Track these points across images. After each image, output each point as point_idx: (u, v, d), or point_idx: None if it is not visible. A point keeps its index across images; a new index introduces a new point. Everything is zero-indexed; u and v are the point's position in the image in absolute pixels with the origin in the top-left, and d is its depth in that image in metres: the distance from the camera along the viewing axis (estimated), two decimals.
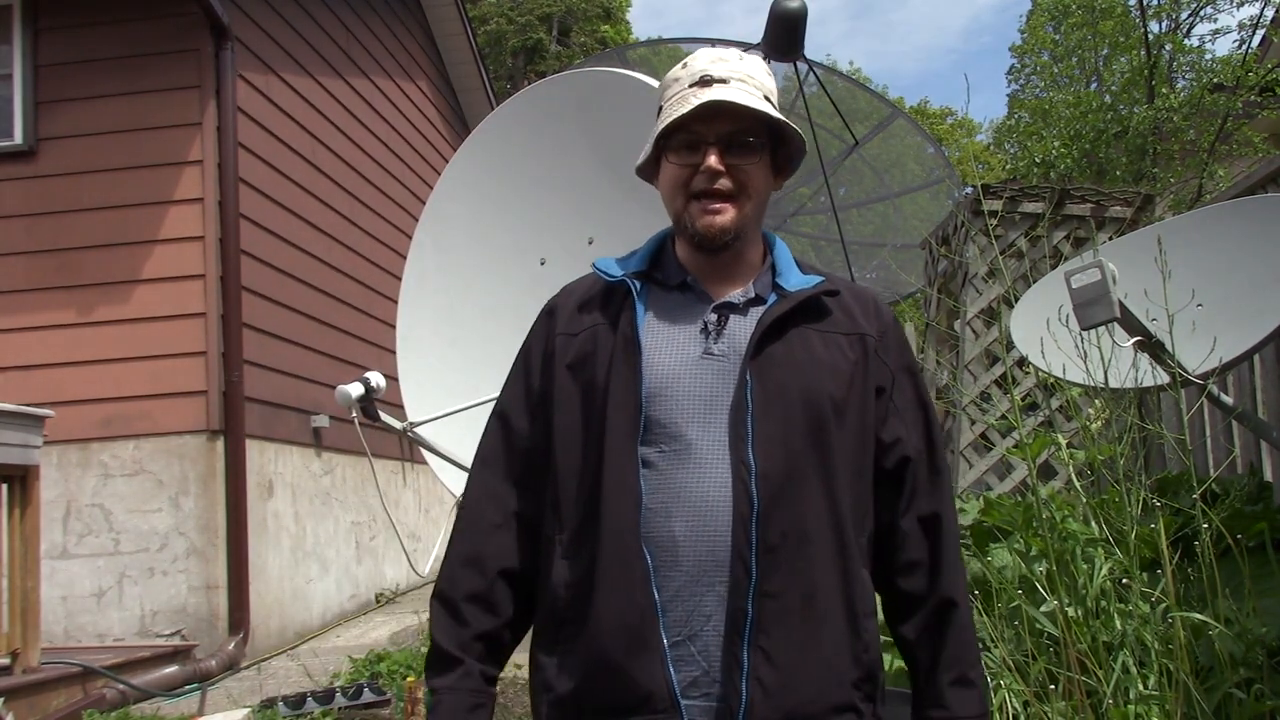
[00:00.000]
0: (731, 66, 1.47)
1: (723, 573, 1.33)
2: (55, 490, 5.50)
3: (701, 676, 1.33)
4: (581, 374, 1.45)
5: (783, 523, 1.35)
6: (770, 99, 1.49)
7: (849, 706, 1.38)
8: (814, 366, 1.42)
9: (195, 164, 5.78)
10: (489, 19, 25.64)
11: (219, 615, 5.47)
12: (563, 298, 1.56)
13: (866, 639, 1.41)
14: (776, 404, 1.38)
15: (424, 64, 9.63)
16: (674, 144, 1.47)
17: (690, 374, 1.41)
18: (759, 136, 1.46)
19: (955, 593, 1.48)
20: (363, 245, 7.75)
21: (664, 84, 1.53)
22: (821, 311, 1.48)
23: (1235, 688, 2.17)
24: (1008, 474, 5.71)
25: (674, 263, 1.52)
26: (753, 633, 1.32)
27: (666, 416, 1.39)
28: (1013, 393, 3.09)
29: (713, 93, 1.42)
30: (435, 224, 3.95)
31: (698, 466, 1.37)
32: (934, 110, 31.74)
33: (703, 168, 1.44)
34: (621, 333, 1.44)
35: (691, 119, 1.43)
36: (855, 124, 8.33)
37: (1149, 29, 12.40)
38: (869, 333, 1.49)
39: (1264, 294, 3.01)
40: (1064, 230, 5.96)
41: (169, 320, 5.69)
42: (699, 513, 1.35)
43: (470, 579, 1.47)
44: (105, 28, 5.96)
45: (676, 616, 1.34)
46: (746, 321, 1.45)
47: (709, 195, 1.44)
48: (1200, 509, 2.26)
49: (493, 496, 1.50)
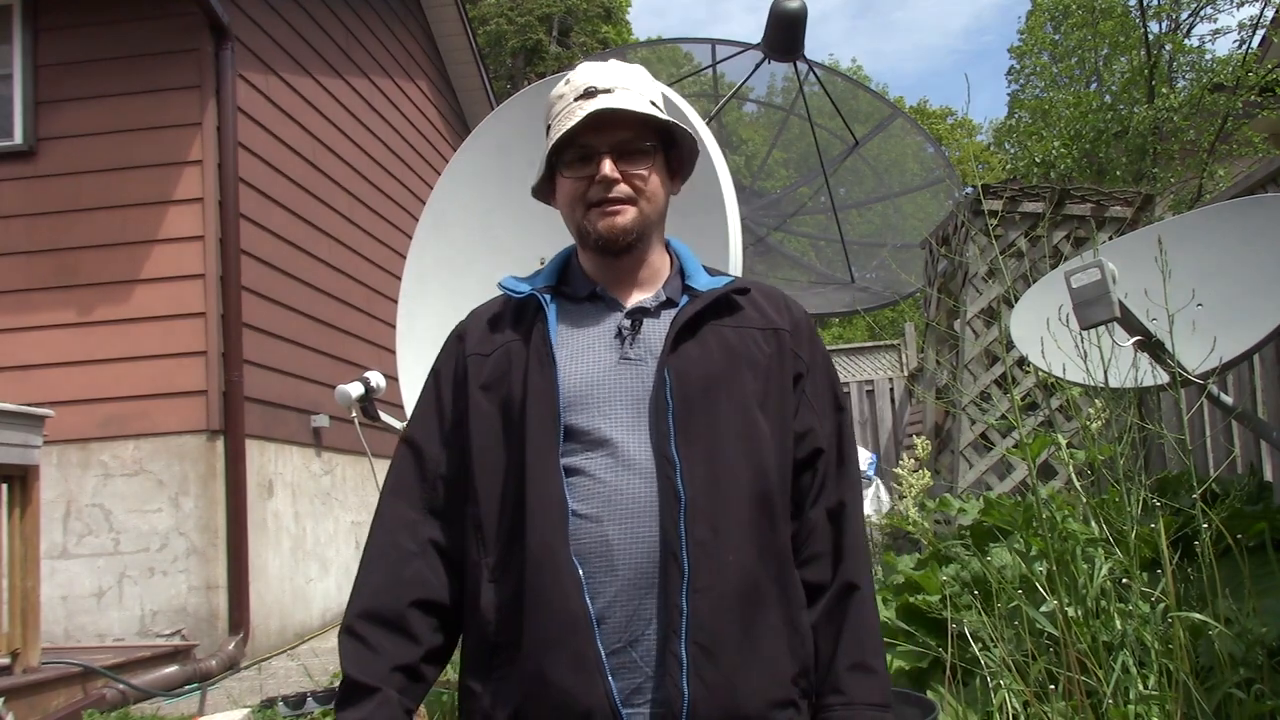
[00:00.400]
0: (614, 76, 1.48)
1: (659, 573, 1.32)
2: (55, 490, 5.50)
3: (645, 682, 1.31)
4: (497, 393, 1.44)
5: (712, 516, 1.34)
6: (656, 103, 1.50)
7: (789, 702, 1.36)
8: (731, 361, 1.43)
9: (195, 164, 5.78)
10: (489, 19, 25.64)
11: (219, 615, 5.47)
12: (471, 320, 1.55)
13: (803, 633, 1.40)
14: (697, 399, 1.38)
15: (424, 64, 9.63)
16: (566, 159, 1.47)
17: (609, 380, 1.41)
18: (650, 141, 1.47)
19: (857, 577, 1.46)
20: (363, 245, 7.75)
21: (549, 102, 1.53)
22: (733, 308, 1.49)
23: (1235, 688, 2.16)
24: (1008, 474, 5.71)
25: (581, 275, 1.53)
26: (690, 629, 1.30)
27: (589, 423, 1.38)
28: (1013, 393, 3.09)
29: (599, 102, 1.43)
30: (435, 224, 3.95)
31: (625, 469, 1.36)
32: (933, 110, 31.74)
33: (598, 177, 1.44)
34: (534, 346, 1.43)
35: (580, 131, 1.43)
36: (856, 124, 8.33)
37: (1149, 29, 12.40)
38: (782, 327, 1.50)
39: (1264, 294, 3.01)
40: (1064, 230, 5.95)
41: (169, 320, 5.69)
42: (630, 515, 1.34)
43: (383, 610, 1.41)
44: (105, 28, 5.96)
45: (616, 624, 1.32)
46: (660, 324, 1.46)
47: (606, 201, 1.45)
48: (1200, 509, 2.26)
49: (406, 525, 1.45)
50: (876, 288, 7.81)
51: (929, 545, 3.55)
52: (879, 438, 11.60)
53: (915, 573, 3.27)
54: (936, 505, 3.76)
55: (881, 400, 11.72)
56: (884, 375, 11.99)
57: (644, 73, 1.54)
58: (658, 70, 9.98)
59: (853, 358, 12.60)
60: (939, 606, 2.96)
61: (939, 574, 3.15)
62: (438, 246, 3.97)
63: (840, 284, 7.88)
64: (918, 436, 4.05)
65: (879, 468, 10.55)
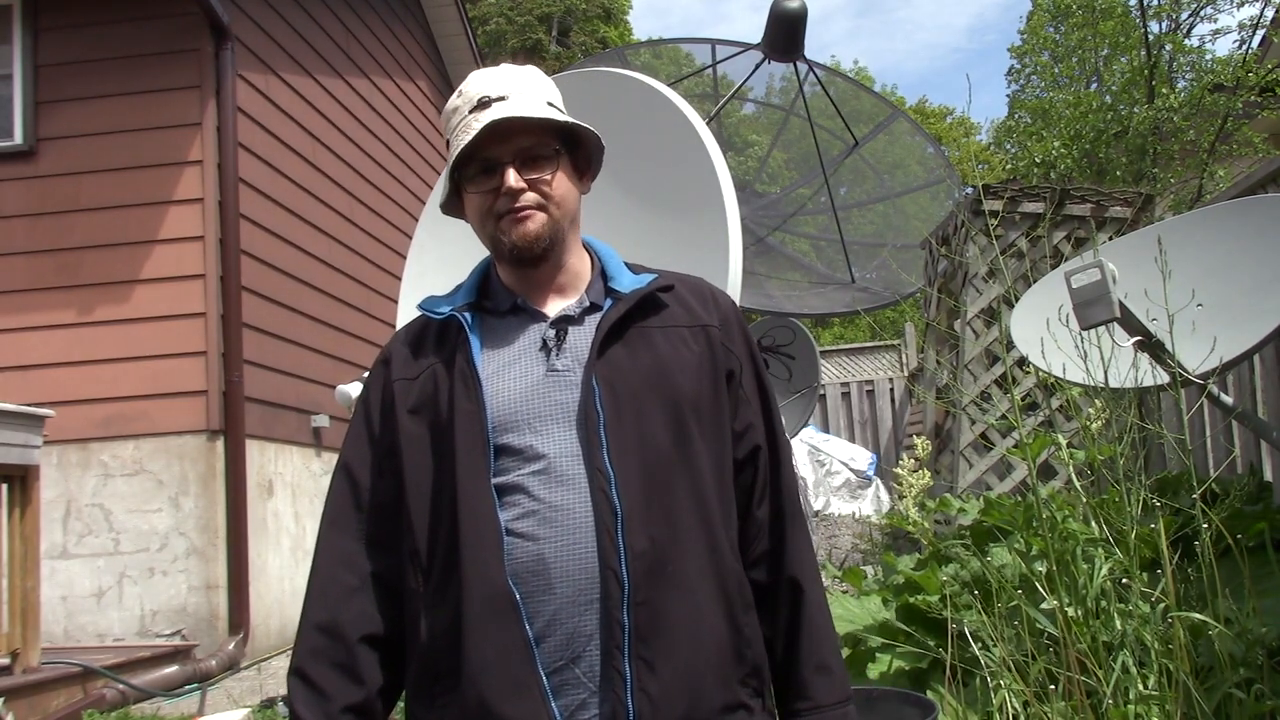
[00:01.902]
0: (507, 82, 1.44)
1: (598, 588, 1.30)
2: (55, 490, 5.50)
3: (589, 698, 1.30)
4: (425, 417, 1.41)
5: (650, 527, 1.32)
6: (554, 103, 1.47)
7: (739, 705, 1.36)
8: (660, 364, 1.40)
9: (195, 164, 5.78)
10: (489, 19, 25.66)
11: (219, 615, 5.47)
12: (395, 344, 1.52)
13: (748, 634, 1.39)
14: (628, 407, 1.36)
15: (424, 64, 9.63)
16: (470, 173, 1.44)
17: (538, 394, 1.38)
18: (553, 145, 1.44)
19: (803, 575, 1.45)
20: (363, 245, 7.74)
21: (445, 115, 1.48)
22: (659, 308, 1.46)
23: (1235, 688, 2.16)
24: (1008, 474, 5.72)
25: (501, 289, 1.49)
26: (632, 643, 1.28)
27: (520, 441, 1.36)
28: (1013, 393, 3.09)
29: (494, 112, 1.40)
30: (435, 224, 3.95)
31: (559, 485, 1.33)
32: (933, 109, 31.74)
33: (503, 189, 1.41)
34: (459, 369, 1.40)
35: (480, 143, 1.40)
36: (857, 125, 8.32)
37: (1149, 29, 12.40)
38: (710, 323, 1.47)
39: (1264, 294, 3.01)
40: (1064, 230, 5.96)
41: (169, 320, 5.69)
42: (566, 531, 1.31)
43: (330, 649, 1.39)
44: (105, 28, 5.96)
45: (556, 642, 1.30)
46: (585, 330, 1.43)
47: (513, 211, 1.42)
48: (1200, 509, 2.26)
49: (345, 559, 1.43)
50: (877, 288, 7.81)
51: (929, 545, 3.55)
52: (879, 438, 11.61)
53: (915, 573, 3.27)
54: (936, 505, 3.76)
55: (881, 400, 11.73)
56: (884, 375, 12.00)
57: (537, 74, 1.50)
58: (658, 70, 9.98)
59: (853, 358, 12.61)
60: (939, 606, 2.96)
61: (939, 574, 3.15)
62: (438, 246, 3.97)
63: (840, 284, 7.87)
64: (918, 436, 4.05)
65: (879, 468, 10.57)
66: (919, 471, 3.52)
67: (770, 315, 7.06)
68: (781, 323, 6.83)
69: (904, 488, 3.50)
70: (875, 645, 3.08)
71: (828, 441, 10.56)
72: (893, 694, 2.66)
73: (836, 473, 10.21)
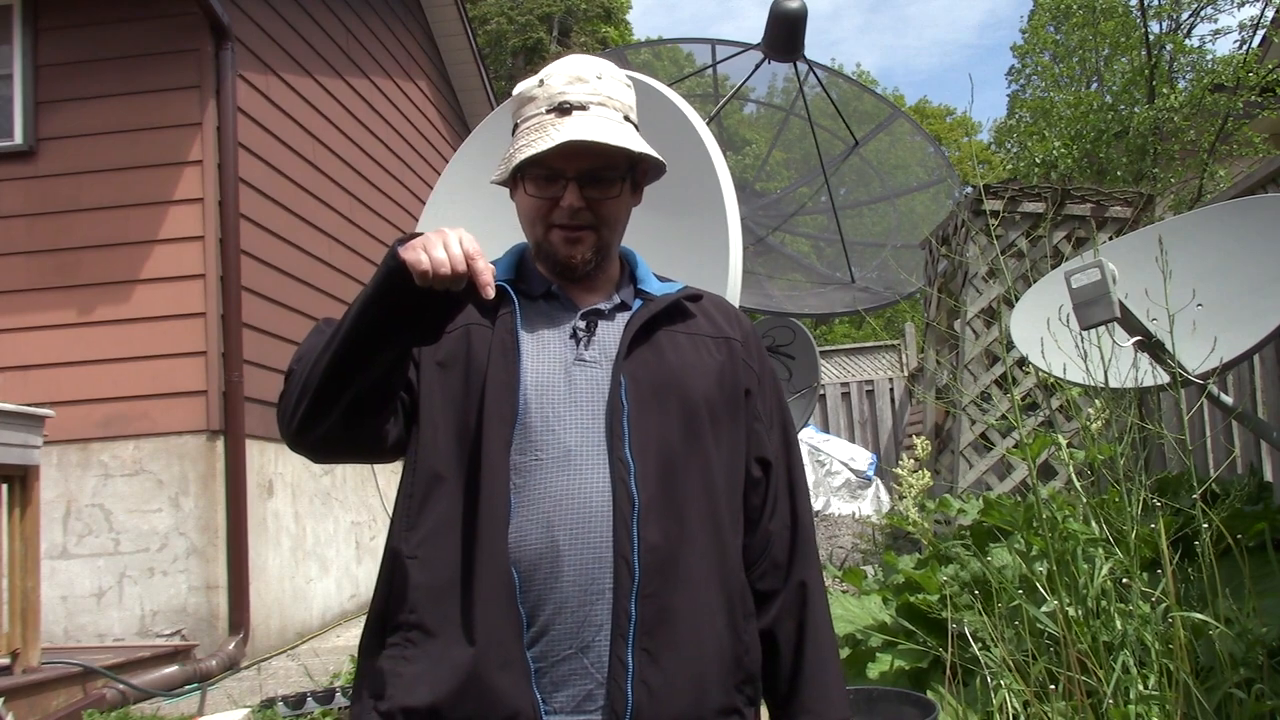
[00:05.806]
0: (591, 88, 1.42)
1: (609, 578, 1.30)
2: (55, 490, 5.50)
3: (597, 689, 1.29)
4: (452, 372, 1.40)
5: (665, 521, 1.33)
6: (630, 117, 1.46)
7: (733, 709, 1.36)
8: (684, 367, 1.42)
9: (195, 164, 5.78)
10: (489, 19, 25.64)
11: (219, 615, 5.47)
12: None
13: (747, 641, 1.40)
14: (651, 403, 1.37)
15: (424, 64, 9.63)
16: (531, 175, 1.42)
17: (564, 381, 1.39)
18: (620, 168, 1.43)
19: (812, 586, 1.48)
20: (363, 245, 7.74)
21: (519, 99, 1.46)
22: (686, 315, 1.49)
23: (1235, 688, 2.16)
24: (1008, 474, 5.72)
25: (536, 274, 1.50)
26: (637, 634, 1.29)
27: (543, 424, 1.36)
28: (1013, 393, 3.09)
29: (573, 124, 1.38)
30: (435, 224, 3.95)
31: (577, 472, 1.33)
32: (934, 109, 31.74)
33: (562, 204, 1.41)
34: (499, 337, 1.39)
35: (549, 154, 1.38)
36: (858, 125, 8.33)
37: (1149, 29, 12.39)
38: (734, 337, 1.50)
39: (1264, 294, 3.01)
40: (1064, 230, 5.96)
41: (169, 320, 5.69)
42: (581, 519, 1.32)
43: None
44: (105, 28, 5.96)
45: (565, 630, 1.30)
46: (614, 326, 1.44)
47: (569, 227, 1.42)
48: (1200, 509, 2.26)
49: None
50: (877, 288, 7.81)
51: (929, 545, 3.55)
52: (879, 438, 11.61)
53: (915, 573, 3.27)
54: (936, 505, 3.76)
55: (881, 400, 11.73)
56: (884, 375, 12.00)
57: (620, 82, 1.47)
58: (658, 70, 9.98)
59: (853, 358, 12.60)
60: (939, 606, 2.96)
61: (939, 574, 3.15)
62: None
63: (841, 284, 7.88)
64: (918, 436, 4.05)
65: (879, 468, 10.56)
66: (919, 472, 3.52)
67: (770, 315, 7.06)
68: (781, 323, 6.84)
69: (904, 488, 3.50)
70: (875, 645, 3.08)
71: (828, 441, 10.56)
72: (893, 694, 2.66)
73: (836, 473, 10.21)
